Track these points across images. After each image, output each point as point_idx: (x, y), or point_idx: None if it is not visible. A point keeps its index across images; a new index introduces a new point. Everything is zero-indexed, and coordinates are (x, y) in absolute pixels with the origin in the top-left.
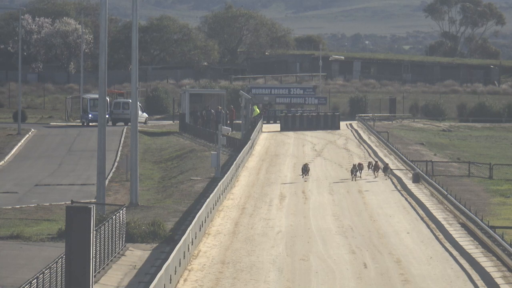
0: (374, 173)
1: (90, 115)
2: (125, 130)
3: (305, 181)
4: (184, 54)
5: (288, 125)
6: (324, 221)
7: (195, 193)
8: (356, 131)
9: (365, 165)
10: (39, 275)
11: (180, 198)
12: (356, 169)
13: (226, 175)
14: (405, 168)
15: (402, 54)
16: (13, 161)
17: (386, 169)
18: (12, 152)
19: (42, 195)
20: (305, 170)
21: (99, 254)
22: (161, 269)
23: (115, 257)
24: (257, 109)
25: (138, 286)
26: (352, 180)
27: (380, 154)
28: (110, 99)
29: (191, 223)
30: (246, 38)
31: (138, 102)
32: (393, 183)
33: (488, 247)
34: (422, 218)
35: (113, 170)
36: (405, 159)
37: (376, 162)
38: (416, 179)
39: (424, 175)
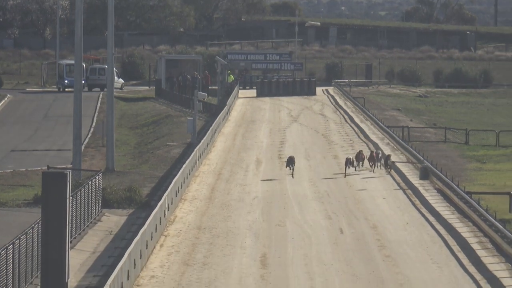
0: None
1: (66, 81)
2: (101, 96)
3: (291, 176)
4: (160, 20)
5: (264, 91)
6: (300, 186)
7: (171, 158)
8: (332, 96)
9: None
10: (15, 240)
11: (156, 163)
12: (351, 162)
13: (202, 141)
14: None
15: (378, 20)
16: None
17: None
18: None
19: (18, 160)
20: (291, 163)
21: (75, 219)
22: (137, 234)
23: (91, 222)
24: (231, 76)
25: (114, 252)
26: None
27: (356, 120)
28: (86, 65)
29: (167, 188)
30: (222, 4)
31: (114, 68)
32: (369, 148)
33: (464, 212)
34: (398, 184)
35: (89, 136)
36: (382, 124)
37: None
38: (425, 174)
39: (429, 164)
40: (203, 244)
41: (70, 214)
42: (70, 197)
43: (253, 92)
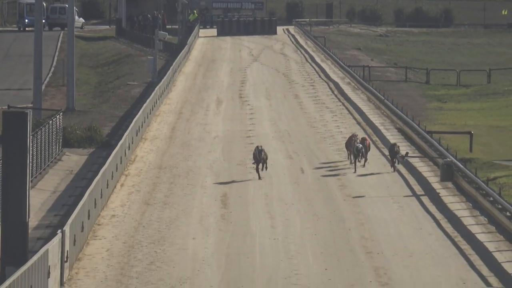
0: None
1: (26, 20)
2: (61, 35)
3: (258, 169)
4: None
5: (225, 30)
6: (261, 126)
7: (132, 98)
8: (293, 36)
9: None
10: None
11: (116, 103)
12: (360, 152)
13: (162, 80)
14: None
15: None
16: None
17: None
18: None
19: None
20: (259, 157)
21: (36, 159)
22: (98, 174)
23: (52, 162)
24: (196, 13)
25: (75, 191)
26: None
27: (317, 59)
28: (46, 4)
29: (128, 128)
30: None
31: (75, 7)
32: (330, 88)
33: (425, 152)
34: (359, 123)
35: (49, 75)
36: (342, 64)
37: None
38: (447, 174)
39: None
40: (164, 184)
41: (30, 154)
42: (31, 137)
43: (213, 32)
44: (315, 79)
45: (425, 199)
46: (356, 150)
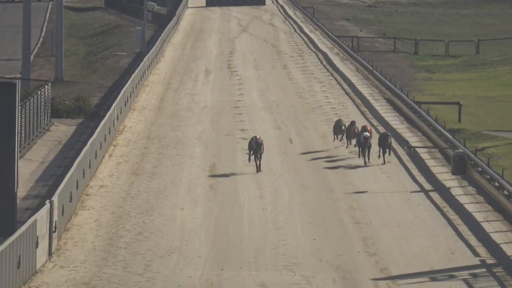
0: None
1: None
2: (50, 5)
3: (256, 160)
4: None
5: (214, 0)
6: (249, 96)
7: (121, 68)
8: (282, 6)
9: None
10: None
11: (105, 73)
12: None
13: (151, 51)
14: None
15: None
16: None
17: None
18: None
19: None
20: (257, 148)
21: (25, 129)
22: (86, 144)
23: (40, 132)
24: None
25: (64, 161)
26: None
27: (306, 30)
28: None
29: (116, 98)
30: None
31: None
32: (318, 58)
33: (414, 122)
34: (347, 94)
35: (38, 46)
36: (331, 34)
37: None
38: (459, 167)
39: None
40: (152, 154)
41: (19, 124)
42: (19, 107)
43: (202, 2)
44: (303, 49)
45: (414, 170)
46: (364, 139)
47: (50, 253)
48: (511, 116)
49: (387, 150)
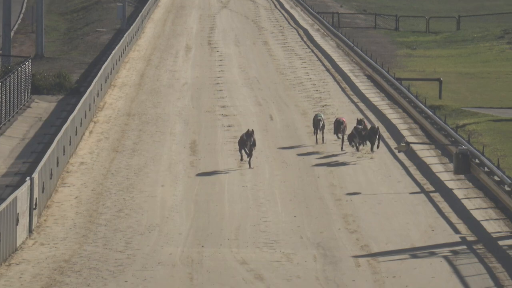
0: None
1: None
2: None
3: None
4: None
5: None
6: (230, 73)
7: (101, 44)
8: None
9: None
10: None
11: (85, 49)
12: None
13: (131, 27)
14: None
15: None
16: None
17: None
18: None
19: None
20: (248, 145)
21: (5, 106)
22: (66, 121)
23: (20, 109)
24: None
25: (44, 138)
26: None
27: (286, 6)
28: None
29: (97, 75)
30: None
31: None
32: (299, 34)
33: (394, 99)
34: (328, 70)
35: (18, 22)
36: (312, 10)
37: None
38: (461, 166)
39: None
40: (133, 131)
41: None
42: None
43: None
44: (284, 25)
45: (394, 146)
46: (358, 134)
47: (30, 230)
48: (492, 92)
49: (376, 143)
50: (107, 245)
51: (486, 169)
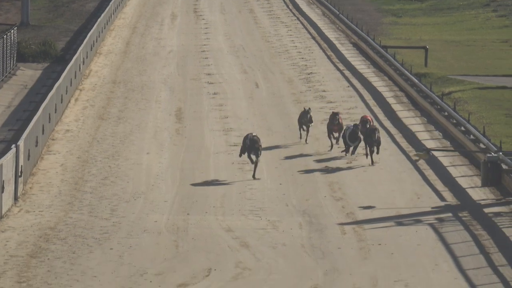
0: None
1: None
2: None
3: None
4: None
5: None
6: (216, 40)
7: (87, 12)
8: None
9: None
10: None
11: (71, 17)
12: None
13: None
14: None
15: None
16: None
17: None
18: None
19: None
20: (253, 150)
21: None
22: (52, 88)
23: (6, 76)
24: None
25: (29, 106)
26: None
27: None
28: None
29: (82, 42)
30: None
31: None
32: (284, 2)
33: (380, 66)
34: (314, 38)
35: None
36: None
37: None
38: (490, 177)
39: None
40: (118, 98)
41: None
42: None
43: None
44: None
45: (380, 114)
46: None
47: (16, 198)
48: (478, 60)
49: (375, 148)
50: (92, 212)
51: (471, 137)
